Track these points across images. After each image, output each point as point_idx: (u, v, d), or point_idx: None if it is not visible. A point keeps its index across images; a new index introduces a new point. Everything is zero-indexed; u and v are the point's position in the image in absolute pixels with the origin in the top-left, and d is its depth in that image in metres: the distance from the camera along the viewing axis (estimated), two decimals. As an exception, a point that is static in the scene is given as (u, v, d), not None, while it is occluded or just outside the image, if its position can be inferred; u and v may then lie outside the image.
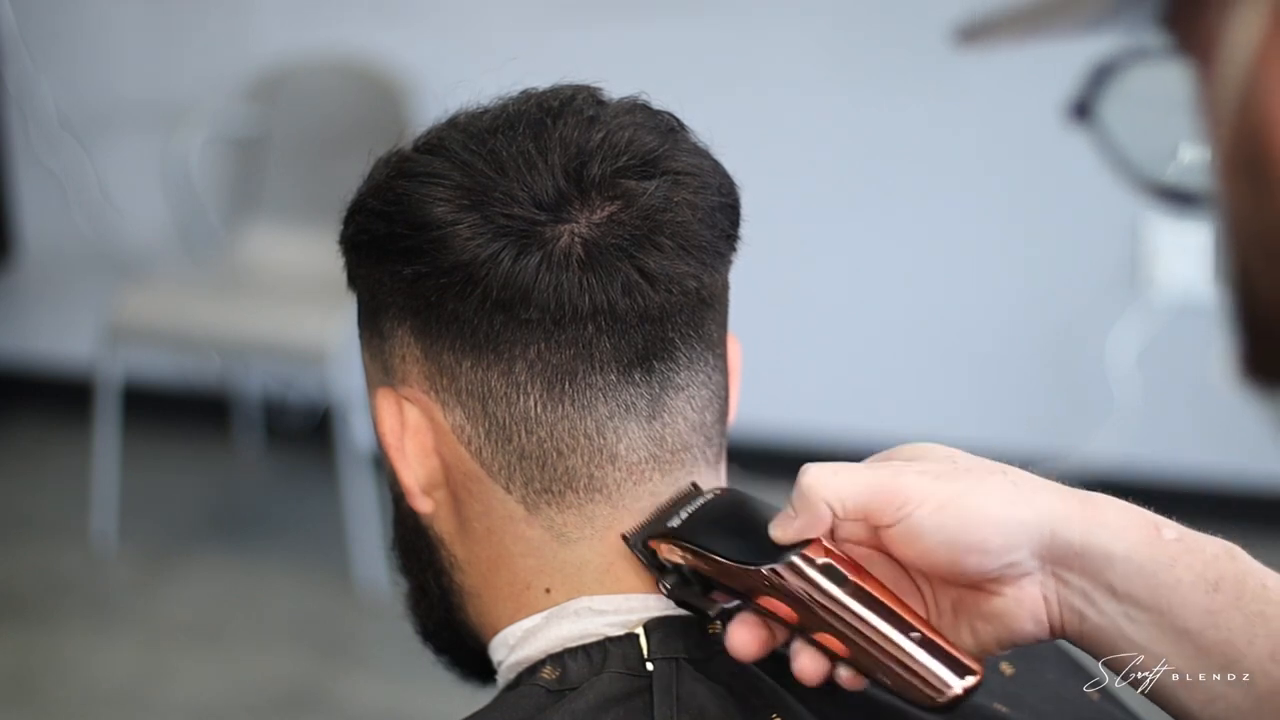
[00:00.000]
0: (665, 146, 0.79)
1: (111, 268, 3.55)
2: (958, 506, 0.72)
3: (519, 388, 0.79)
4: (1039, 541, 0.71)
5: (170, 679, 2.83)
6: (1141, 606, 0.71)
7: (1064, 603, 0.73)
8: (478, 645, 0.86)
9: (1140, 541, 0.72)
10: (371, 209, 0.81)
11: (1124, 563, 0.71)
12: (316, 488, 3.35)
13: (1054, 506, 0.72)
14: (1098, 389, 3.20)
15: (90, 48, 3.50)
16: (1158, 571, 0.71)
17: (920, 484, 0.72)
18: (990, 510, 0.71)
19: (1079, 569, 0.72)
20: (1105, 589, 0.71)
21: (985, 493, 0.72)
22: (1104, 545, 0.71)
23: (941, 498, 0.72)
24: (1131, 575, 0.71)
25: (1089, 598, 0.72)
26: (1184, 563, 0.72)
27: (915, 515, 0.72)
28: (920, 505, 0.72)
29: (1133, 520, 0.73)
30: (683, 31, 3.18)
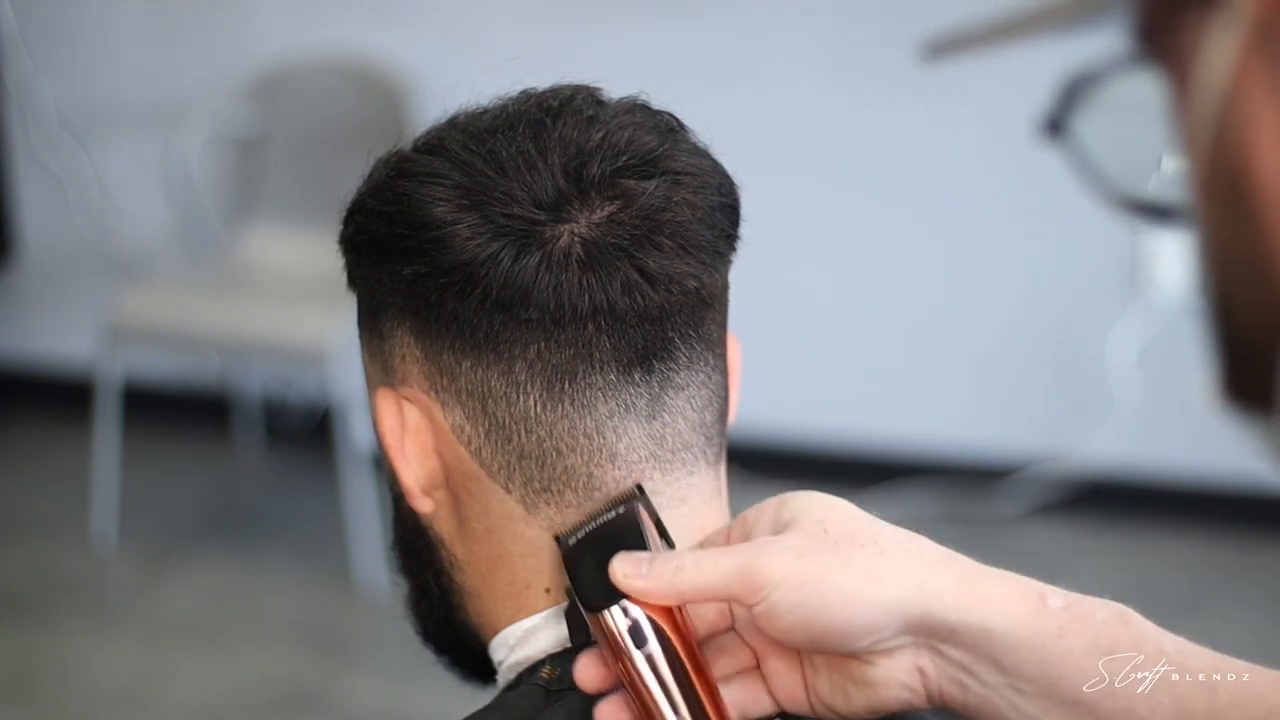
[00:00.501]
0: (665, 146, 0.80)
1: (111, 268, 3.55)
2: (816, 587, 0.70)
3: (519, 387, 0.79)
4: (906, 619, 0.70)
5: (170, 679, 2.83)
6: (1029, 678, 0.69)
7: (943, 675, 0.71)
8: (478, 645, 0.86)
9: (1024, 614, 0.70)
10: (371, 209, 0.81)
11: (1005, 636, 0.69)
12: (316, 488, 3.35)
13: (924, 583, 0.70)
14: (1098, 389, 3.20)
15: (90, 48, 3.50)
16: (1045, 643, 0.69)
17: (779, 564, 0.71)
18: (849, 592, 0.70)
19: (956, 643, 0.70)
20: (988, 662, 0.70)
21: (846, 572, 0.70)
22: (981, 621, 0.70)
23: (800, 577, 0.70)
24: (1015, 648, 0.69)
25: (970, 671, 0.70)
26: (1073, 631, 0.70)
27: (773, 596, 0.70)
28: (777, 586, 0.70)
29: (1015, 592, 0.71)
30: (683, 32, 3.18)
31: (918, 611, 0.70)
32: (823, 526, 0.73)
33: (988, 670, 0.70)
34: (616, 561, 0.74)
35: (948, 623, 0.70)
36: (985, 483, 3.27)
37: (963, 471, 3.28)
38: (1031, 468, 3.26)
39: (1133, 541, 3.19)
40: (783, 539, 0.73)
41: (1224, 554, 3.15)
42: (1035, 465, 3.26)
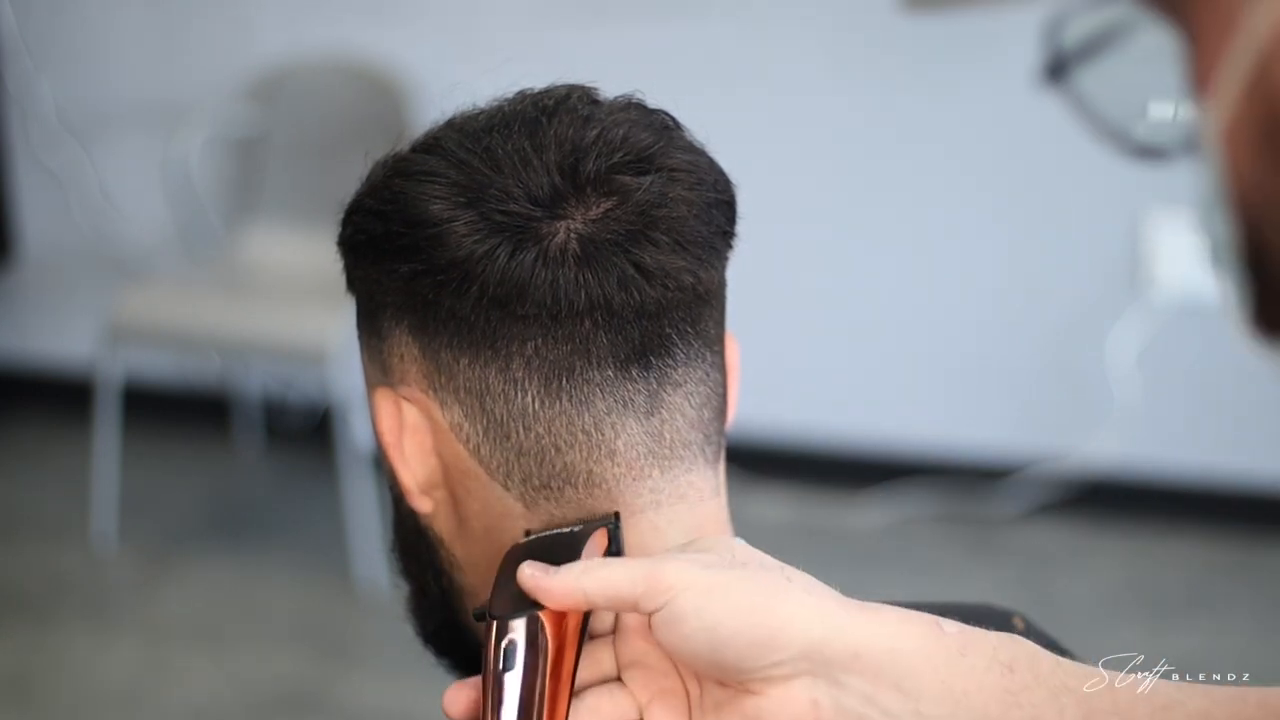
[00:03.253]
0: (660, 143, 0.80)
1: (111, 268, 3.55)
2: (723, 593, 0.70)
3: (516, 384, 0.79)
4: (809, 642, 0.69)
5: (170, 679, 2.83)
6: (933, 698, 0.69)
7: (840, 707, 0.70)
8: (478, 646, 0.86)
9: (923, 636, 0.70)
10: (368, 208, 0.82)
11: (909, 657, 0.69)
12: (316, 488, 3.35)
13: (828, 607, 0.70)
14: (1098, 389, 3.20)
15: (90, 48, 3.50)
16: (949, 661, 0.69)
17: (685, 570, 0.70)
18: (754, 602, 0.69)
19: (858, 670, 0.69)
20: (891, 687, 0.69)
21: (752, 586, 0.70)
22: (885, 643, 0.69)
23: (706, 584, 0.70)
24: (919, 669, 0.69)
25: (871, 700, 0.69)
26: (974, 649, 0.70)
27: (677, 600, 0.69)
28: (683, 590, 0.70)
29: (912, 618, 0.71)
30: (682, 32, 3.18)
31: (819, 634, 0.69)
32: (730, 552, 0.73)
33: (890, 697, 0.69)
34: (525, 566, 0.73)
35: (850, 646, 0.69)
36: (985, 483, 3.27)
37: (963, 471, 3.28)
38: (1031, 468, 3.26)
39: (1132, 541, 3.19)
40: (689, 553, 0.73)
41: (1223, 554, 3.15)
42: (1035, 465, 3.26)
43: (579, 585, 0.71)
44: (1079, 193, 3.15)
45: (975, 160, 3.16)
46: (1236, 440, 3.20)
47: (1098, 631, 2.80)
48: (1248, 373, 3.16)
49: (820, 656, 0.69)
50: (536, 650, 0.72)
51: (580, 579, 0.71)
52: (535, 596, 0.72)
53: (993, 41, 3.09)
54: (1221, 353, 3.16)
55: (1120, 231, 3.14)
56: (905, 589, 0.76)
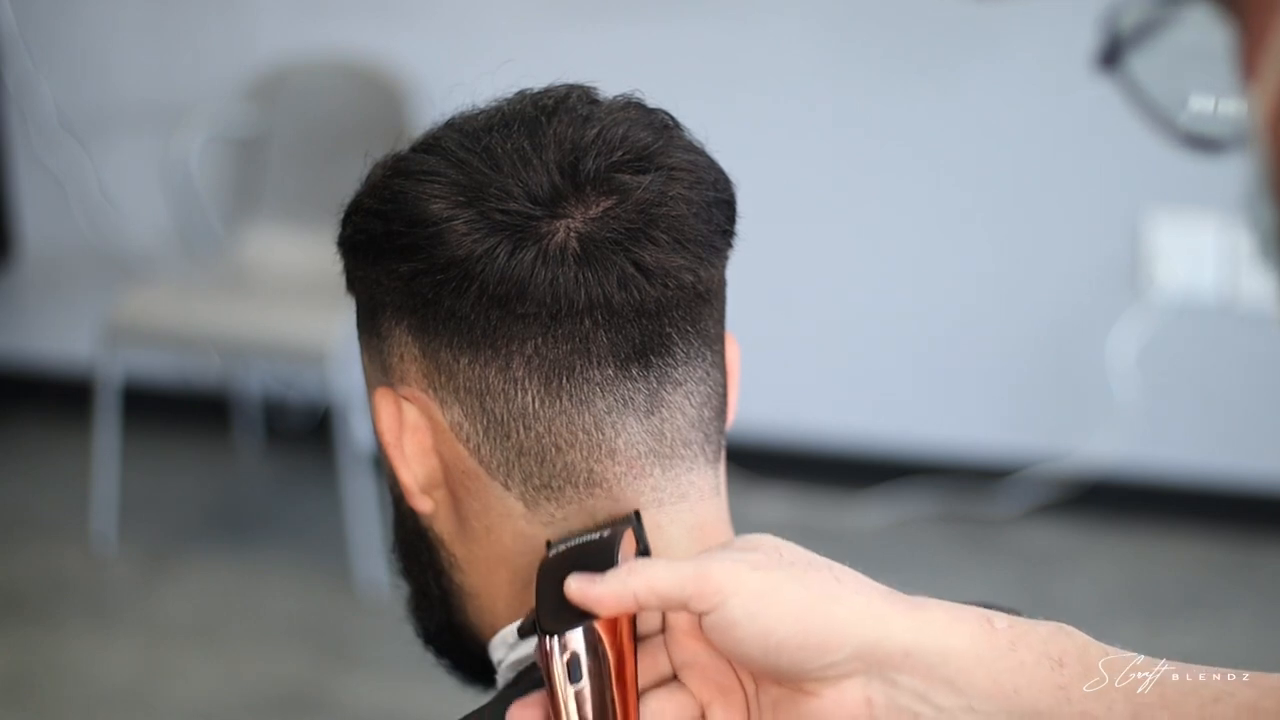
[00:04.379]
0: (659, 142, 0.80)
1: (111, 268, 3.55)
2: (774, 597, 0.70)
3: (516, 383, 0.79)
4: (860, 641, 0.70)
5: (170, 679, 2.83)
6: (984, 694, 0.70)
7: (893, 704, 0.70)
8: (478, 648, 0.86)
9: (974, 633, 0.70)
10: (368, 208, 0.82)
11: (961, 655, 0.70)
12: (316, 488, 3.35)
13: (878, 607, 0.71)
14: (1098, 389, 3.20)
15: (90, 48, 3.50)
16: (999, 658, 0.70)
17: (736, 572, 0.70)
18: (806, 605, 0.70)
19: (910, 668, 0.70)
20: (943, 684, 0.70)
21: (803, 587, 0.70)
22: (937, 642, 0.70)
23: (758, 587, 0.70)
24: (971, 666, 0.69)
25: (923, 697, 0.70)
26: (1023, 644, 0.70)
27: (729, 603, 0.70)
28: (735, 593, 0.70)
29: (962, 614, 0.71)
30: (683, 32, 3.18)
31: (872, 634, 0.70)
32: (778, 551, 0.73)
33: (942, 693, 0.70)
34: (571, 579, 0.72)
35: (902, 644, 0.70)
36: (985, 483, 3.27)
37: (963, 471, 3.28)
38: (1031, 468, 3.26)
39: (1132, 541, 3.19)
40: (739, 551, 0.73)
41: (1223, 554, 3.15)
42: (1035, 465, 3.25)
43: (627, 588, 0.71)
44: (1079, 193, 3.15)
45: (975, 160, 3.16)
46: (1236, 440, 3.20)
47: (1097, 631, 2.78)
48: (1247, 373, 3.16)
49: (872, 656, 0.70)
50: (599, 659, 0.72)
51: (627, 582, 0.71)
52: (586, 606, 0.71)
53: (993, 41, 3.09)
54: (1221, 353, 3.16)
55: (1120, 231, 3.14)
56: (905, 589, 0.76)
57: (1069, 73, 3.08)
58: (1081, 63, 1.55)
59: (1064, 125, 3.10)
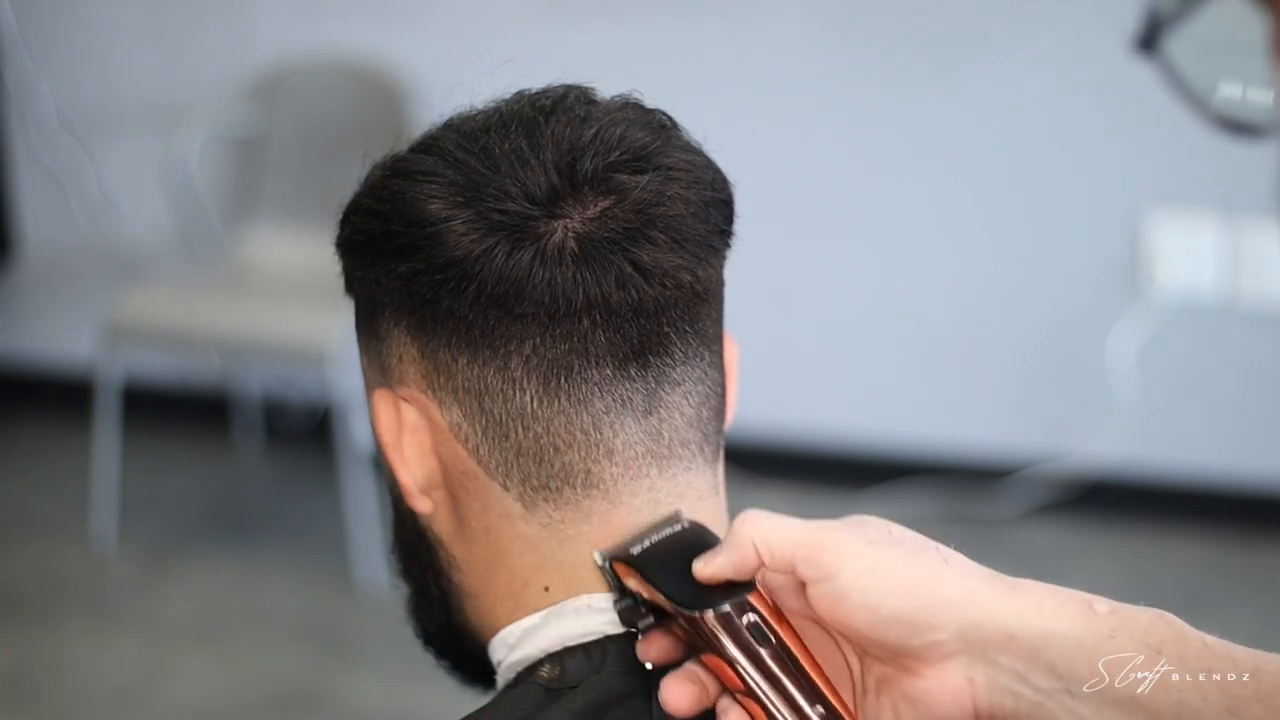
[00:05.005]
0: (657, 143, 0.80)
1: (111, 268, 3.55)
2: (886, 573, 0.71)
3: (515, 384, 0.79)
4: (965, 623, 0.71)
5: (170, 679, 2.83)
6: (1083, 680, 0.71)
7: (994, 685, 0.72)
8: (477, 647, 0.86)
9: (1076, 618, 0.71)
10: (366, 209, 0.82)
11: (1062, 640, 0.71)
12: (316, 488, 3.35)
13: (983, 589, 0.72)
14: (1098, 389, 3.20)
15: (90, 48, 3.50)
16: (1098, 645, 0.71)
17: (852, 544, 0.72)
18: (916, 583, 0.71)
19: (1012, 651, 0.71)
20: (1044, 669, 0.71)
21: (915, 565, 0.72)
22: (1039, 626, 0.71)
23: (870, 562, 0.71)
24: (1071, 652, 0.71)
25: (1024, 679, 0.71)
26: (1124, 632, 0.71)
27: (842, 575, 0.71)
28: (848, 564, 0.71)
29: (1065, 599, 0.73)
30: (683, 32, 3.18)
31: (977, 615, 0.71)
32: (887, 529, 0.74)
33: (1042, 676, 0.71)
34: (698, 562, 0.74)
35: (1005, 627, 0.71)
36: (985, 483, 3.27)
37: (963, 471, 3.28)
38: (1031, 468, 3.26)
39: (1132, 541, 3.19)
40: (852, 526, 0.74)
41: (1223, 554, 3.15)
42: (1035, 465, 3.25)
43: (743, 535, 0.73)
44: (1079, 193, 3.15)
45: (975, 160, 3.16)
46: (1236, 440, 3.20)
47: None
48: (1247, 373, 3.16)
49: (976, 637, 0.71)
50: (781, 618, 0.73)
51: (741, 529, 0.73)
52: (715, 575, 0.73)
53: (994, 41, 3.09)
54: (1221, 353, 3.16)
55: (1120, 231, 3.14)
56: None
57: (1069, 73, 3.09)
58: (1082, 64, 1.56)
59: (1064, 125, 3.10)
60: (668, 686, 0.75)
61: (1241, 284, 3.08)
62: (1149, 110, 2.97)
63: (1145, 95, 2.88)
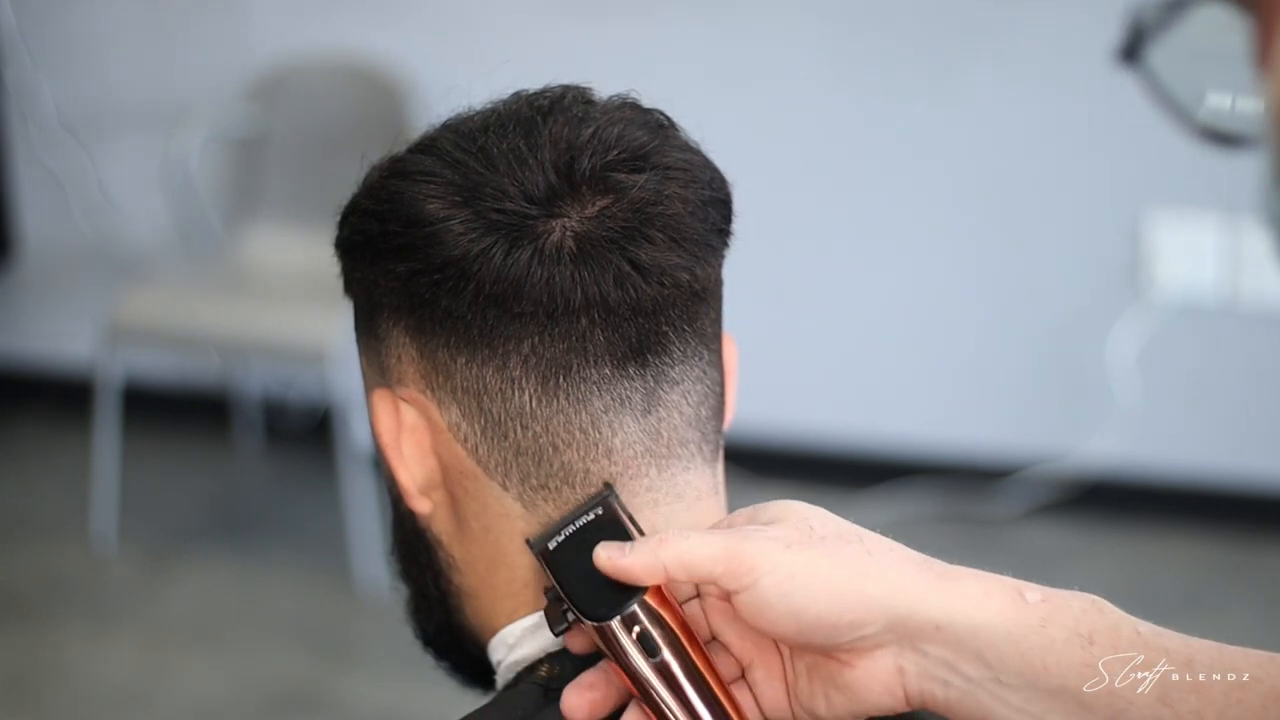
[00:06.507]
0: (655, 142, 0.80)
1: (111, 268, 3.55)
2: (805, 577, 0.71)
3: (514, 383, 0.79)
4: (891, 615, 0.71)
5: (170, 679, 2.83)
6: (1013, 670, 0.70)
7: (924, 674, 0.72)
8: (477, 648, 0.86)
9: (1004, 608, 0.71)
10: (364, 209, 0.82)
11: (990, 631, 0.71)
12: (316, 488, 3.35)
13: (908, 579, 0.72)
14: (1098, 389, 3.20)
15: (90, 48, 3.50)
16: (1028, 635, 0.71)
17: (769, 551, 0.71)
18: (838, 583, 0.71)
19: (939, 641, 0.71)
20: (972, 657, 0.71)
21: (835, 564, 0.71)
22: (966, 616, 0.71)
23: (789, 568, 0.71)
24: (999, 642, 0.70)
25: (953, 668, 0.71)
26: (1055, 621, 0.71)
27: (761, 583, 0.71)
28: (767, 573, 0.71)
29: (994, 588, 0.72)
30: (684, 32, 3.18)
31: (903, 608, 0.71)
32: (808, 524, 0.74)
33: (971, 665, 0.71)
34: (600, 548, 0.74)
35: (932, 619, 0.71)
36: (985, 483, 3.27)
37: (963, 471, 3.28)
38: (1031, 468, 3.26)
39: (1132, 541, 3.19)
40: (769, 529, 0.74)
41: (1223, 554, 3.15)
42: (1035, 465, 3.25)
43: (658, 560, 0.72)
44: (1079, 193, 3.15)
45: (975, 160, 3.16)
46: (1236, 440, 3.20)
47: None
48: (1247, 373, 3.16)
49: (904, 629, 0.71)
50: (669, 627, 0.73)
51: (658, 554, 0.72)
52: (618, 576, 0.73)
53: (994, 41, 3.09)
54: (1221, 353, 3.16)
55: (1120, 231, 3.14)
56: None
57: (1069, 73, 3.09)
58: (1081, 63, 1.57)
59: (1064, 125, 3.10)
60: (566, 695, 0.75)
61: (1241, 284, 3.08)
62: (1149, 110, 2.96)
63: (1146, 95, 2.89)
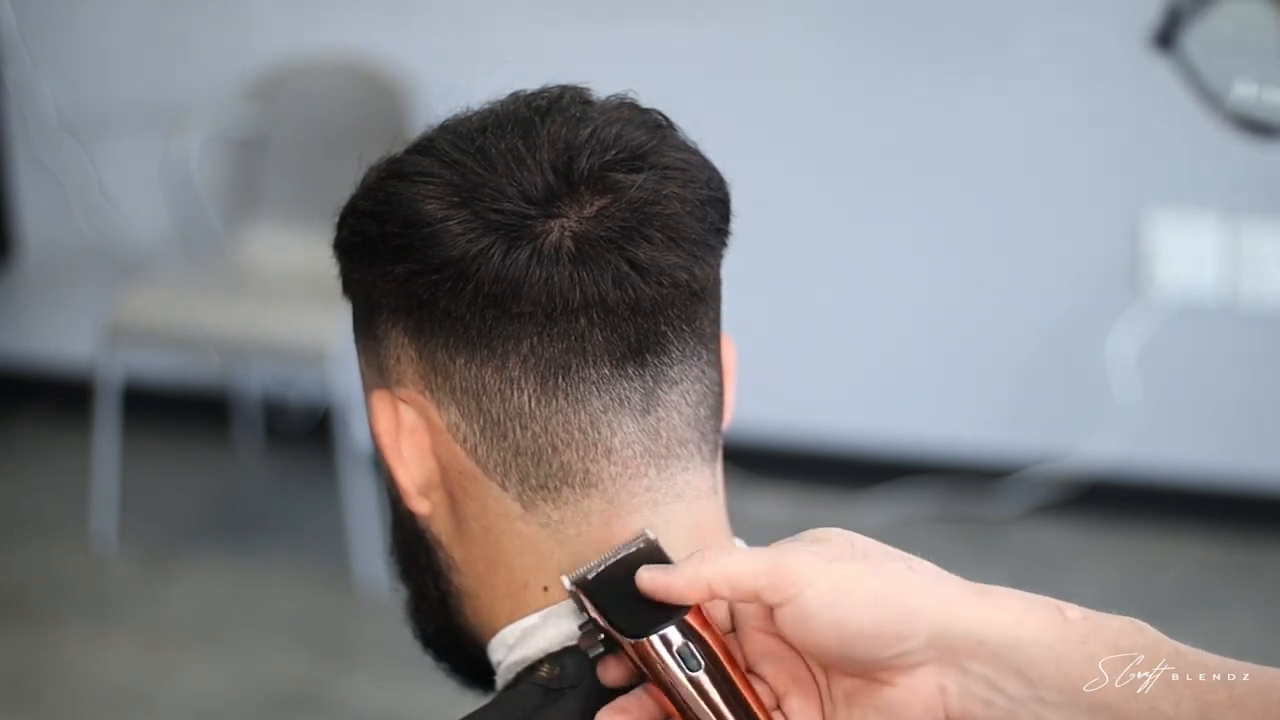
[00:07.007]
0: (653, 142, 0.80)
1: (111, 268, 3.55)
2: (849, 588, 0.71)
3: (513, 383, 0.79)
4: (934, 630, 0.70)
5: (170, 679, 2.83)
6: (1055, 687, 0.70)
7: (965, 692, 0.71)
8: (476, 649, 0.86)
9: (1046, 624, 0.71)
10: (362, 210, 0.82)
11: (1032, 646, 0.70)
12: (316, 488, 3.35)
13: (951, 597, 0.71)
14: (1098, 389, 3.20)
15: (90, 48, 3.50)
16: (1069, 651, 0.70)
17: (812, 564, 0.71)
18: (883, 595, 0.71)
19: (982, 657, 0.70)
20: (1014, 674, 0.70)
21: (879, 577, 0.71)
22: (1008, 632, 0.70)
23: (833, 579, 0.71)
24: (1041, 658, 0.70)
25: (995, 686, 0.71)
26: (1095, 638, 0.71)
27: (805, 595, 0.71)
28: (810, 584, 0.71)
29: (1034, 604, 0.72)
30: (680, 32, 3.18)
31: (945, 622, 0.71)
32: (850, 542, 0.74)
33: (1013, 683, 0.70)
34: (643, 570, 0.74)
35: (975, 634, 0.70)
36: (985, 483, 3.27)
37: (963, 471, 3.28)
38: (1031, 468, 3.26)
39: (1132, 541, 3.19)
40: (811, 544, 0.73)
41: (1223, 554, 3.15)
42: (1035, 465, 3.25)
43: (701, 576, 0.72)
44: (1079, 192, 3.15)
45: (975, 160, 3.16)
46: (1236, 440, 3.20)
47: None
48: (1247, 373, 3.16)
49: (946, 645, 0.70)
50: (708, 646, 0.73)
51: (700, 570, 0.72)
52: (663, 596, 0.72)
53: (994, 41, 3.09)
54: (1221, 353, 3.16)
55: (1120, 231, 3.14)
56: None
57: (1070, 72, 3.09)
58: (1082, 63, 1.57)
59: (1064, 125, 3.10)
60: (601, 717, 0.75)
61: (1241, 284, 3.08)
62: (1149, 110, 2.97)
63: (1146, 95, 2.89)
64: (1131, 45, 2.07)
